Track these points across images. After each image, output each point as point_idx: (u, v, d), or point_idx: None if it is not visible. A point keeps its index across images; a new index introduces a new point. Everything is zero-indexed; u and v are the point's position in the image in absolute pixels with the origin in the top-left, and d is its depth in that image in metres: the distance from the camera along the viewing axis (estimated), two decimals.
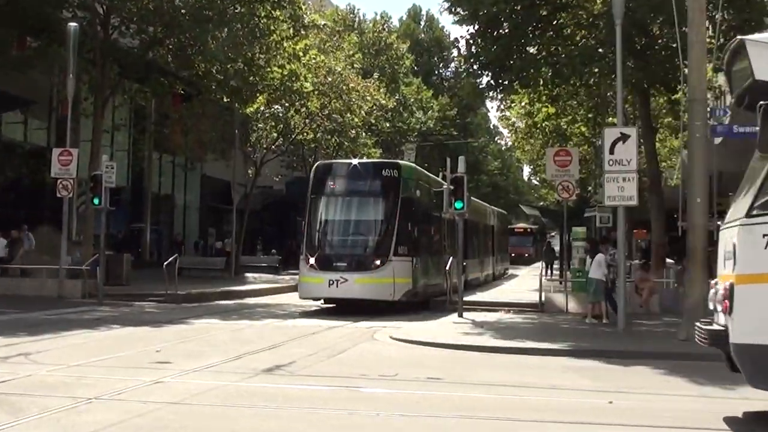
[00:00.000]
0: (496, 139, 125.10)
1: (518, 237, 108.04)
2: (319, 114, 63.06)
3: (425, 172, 43.72)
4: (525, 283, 56.17)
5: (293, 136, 65.20)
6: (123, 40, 42.70)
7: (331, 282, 34.11)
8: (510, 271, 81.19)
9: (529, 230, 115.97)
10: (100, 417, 12.68)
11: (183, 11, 39.80)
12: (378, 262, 34.41)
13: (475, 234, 56.40)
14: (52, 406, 13.34)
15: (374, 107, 68.37)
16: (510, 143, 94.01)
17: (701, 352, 17.44)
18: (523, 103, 50.77)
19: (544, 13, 34.39)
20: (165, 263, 38.19)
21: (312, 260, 35.12)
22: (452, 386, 16.81)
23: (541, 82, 36.18)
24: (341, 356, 21.27)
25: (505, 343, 23.63)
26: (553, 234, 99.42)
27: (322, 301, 37.19)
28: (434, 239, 41.72)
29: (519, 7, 33.01)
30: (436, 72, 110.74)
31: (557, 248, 69.70)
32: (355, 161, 39.48)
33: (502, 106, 63.97)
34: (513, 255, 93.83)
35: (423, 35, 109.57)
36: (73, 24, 34.76)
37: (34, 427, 12.21)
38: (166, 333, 25.66)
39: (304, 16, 48.43)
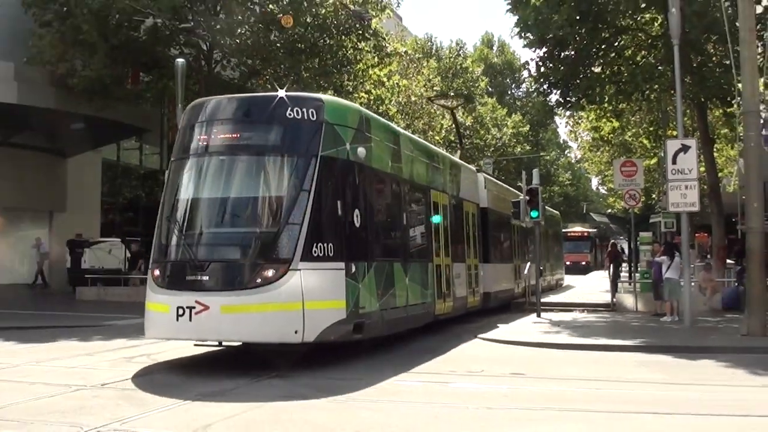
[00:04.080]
0: (566, 152, 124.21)
1: (574, 243, 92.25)
2: None
3: (384, 121, 24.99)
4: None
5: None
6: (224, 73, 43.01)
7: (181, 311, 17.87)
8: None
9: (586, 234, 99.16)
10: None
11: (278, 45, 40.14)
12: (269, 273, 17.79)
13: (504, 234, 39.58)
14: None
15: (453, 125, 68.32)
16: (579, 156, 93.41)
17: (763, 346, 17.33)
18: (589, 118, 50.69)
19: (607, 35, 34.44)
20: None
21: (157, 271, 19.16)
22: (535, 381, 16.85)
23: (606, 99, 36.11)
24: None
25: (582, 340, 23.50)
26: (622, 238, 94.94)
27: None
28: (411, 235, 24.78)
29: (583, 31, 33.13)
30: (509, 92, 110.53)
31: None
32: (243, 96, 22.16)
33: (570, 122, 64.25)
34: (568, 263, 79.82)
35: (496, 59, 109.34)
36: (180, 60, 35.05)
37: None
38: None
39: (387, 45, 48.39)
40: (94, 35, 34.95)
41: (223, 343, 19.94)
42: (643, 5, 32.74)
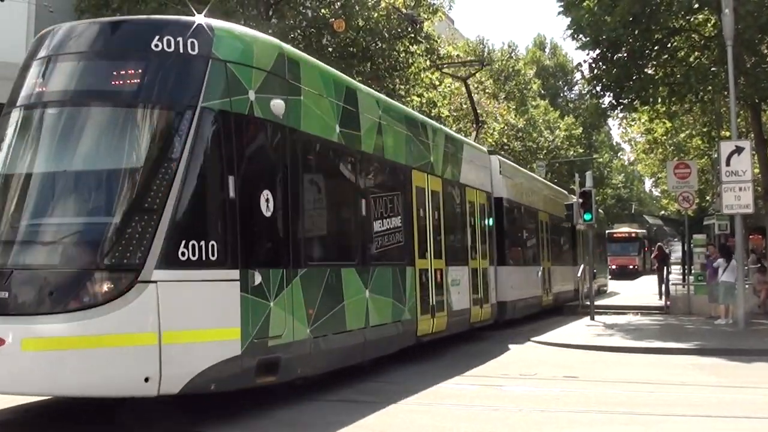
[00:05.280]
0: (618, 154, 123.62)
1: (620, 244, 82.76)
2: None
3: (328, 69, 17.38)
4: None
5: None
6: None
7: None
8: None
9: (634, 235, 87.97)
10: None
11: (330, 49, 40.22)
12: (102, 287, 11.42)
13: (528, 231, 33.57)
14: None
15: (505, 128, 68.27)
16: (632, 158, 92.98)
17: None
18: (642, 120, 50.48)
19: (660, 36, 34.19)
20: None
21: None
22: (588, 384, 16.81)
23: (659, 101, 35.89)
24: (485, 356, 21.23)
25: (636, 343, 23.52)
26: (676, 240, 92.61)
27: None
28: (377, 230, 18.06)
29: (636, 32, 32.92)
30: (562, 95, 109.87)
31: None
32: (102, 19, 15.37)
33: (623, 124, 64.06)
34: (614, 267, 73.44)
35: (548, 61, 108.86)
36: None
37: None
38: None
39: (439, 48, 48.47)
40: None
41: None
42: (696, 6, 32.54)
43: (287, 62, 14.54)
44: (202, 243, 11.99)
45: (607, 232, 70.90)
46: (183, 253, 11.75)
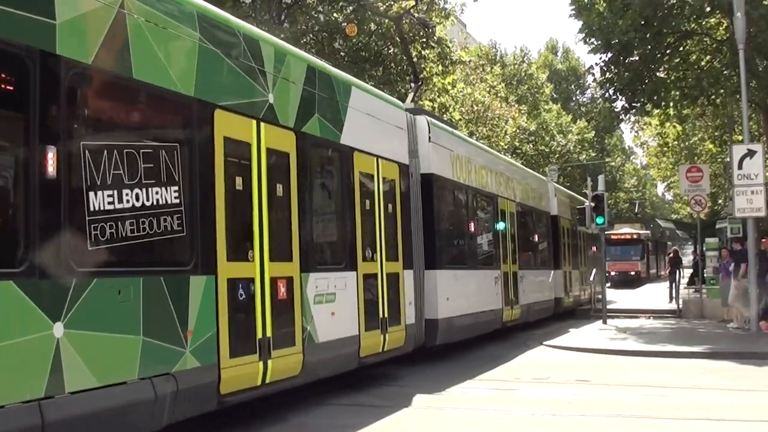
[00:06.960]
0: (631, 158, 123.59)
1: (620, 247, 72.69)
2: None
3: None
4: None
5: None
6: None
7: None
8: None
9: (635, 237, 76.20)
10: None
11: (342, 53, 40.23)
12: None
13: (478, 223, 24.58)
14: None
15: (517, 131, 68.16)
16: (644, 162, 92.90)
17: None
18: (654, 124, 50.49)
19: (671, 40, 34.25)
20: None
21: None
22: (600, 387, 16.78)
23: (671, 104, 35.90)
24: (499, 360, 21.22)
25: (648, 347, 23.45)
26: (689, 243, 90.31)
27: None
28: (96, 209, 9.14)
29: (648, 36, 32.94)
30: (574, 98, 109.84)
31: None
32: None
33: (635, 128, 64.15)
34: (613, 273, 67.68)
35: (560, 65, 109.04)
36: None
37: None
38: None
39: (451, 53, 48.42)
40: None
41: None
42: (708, 9, 32.54)
43: None
44: None
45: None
46: None
